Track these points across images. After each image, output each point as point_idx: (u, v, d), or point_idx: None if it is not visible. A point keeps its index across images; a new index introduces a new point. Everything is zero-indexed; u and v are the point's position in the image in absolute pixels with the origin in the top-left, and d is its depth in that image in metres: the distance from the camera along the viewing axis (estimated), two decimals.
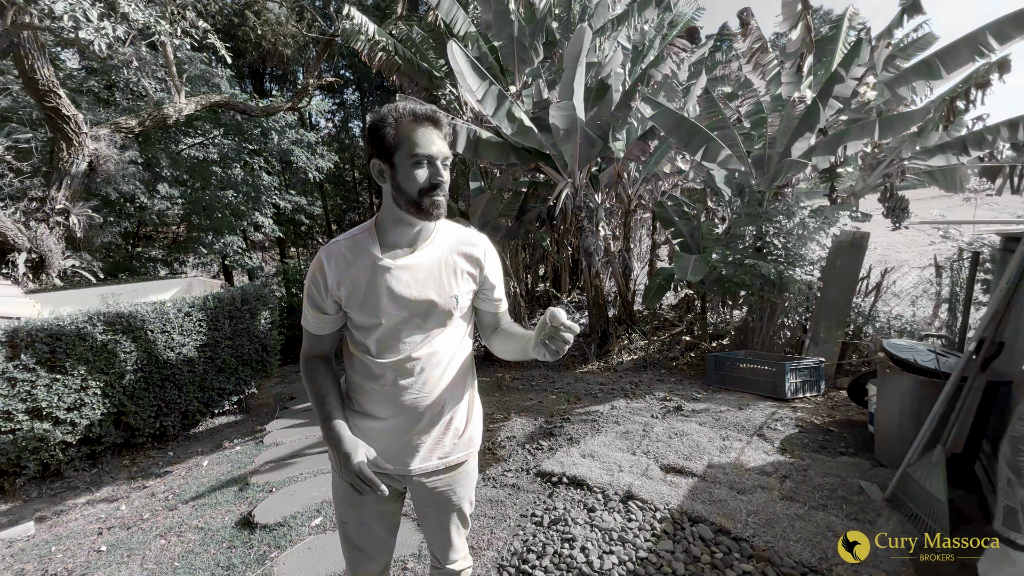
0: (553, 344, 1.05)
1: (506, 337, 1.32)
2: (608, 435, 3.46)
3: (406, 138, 1.10)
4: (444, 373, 1.25)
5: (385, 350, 1.20)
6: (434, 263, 1.22)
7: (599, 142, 5.60)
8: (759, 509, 2.48)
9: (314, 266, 1.21)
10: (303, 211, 14.37)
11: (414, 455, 1.25)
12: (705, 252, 5.77)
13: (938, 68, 5.11)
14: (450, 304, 1.22)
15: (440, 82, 8.98)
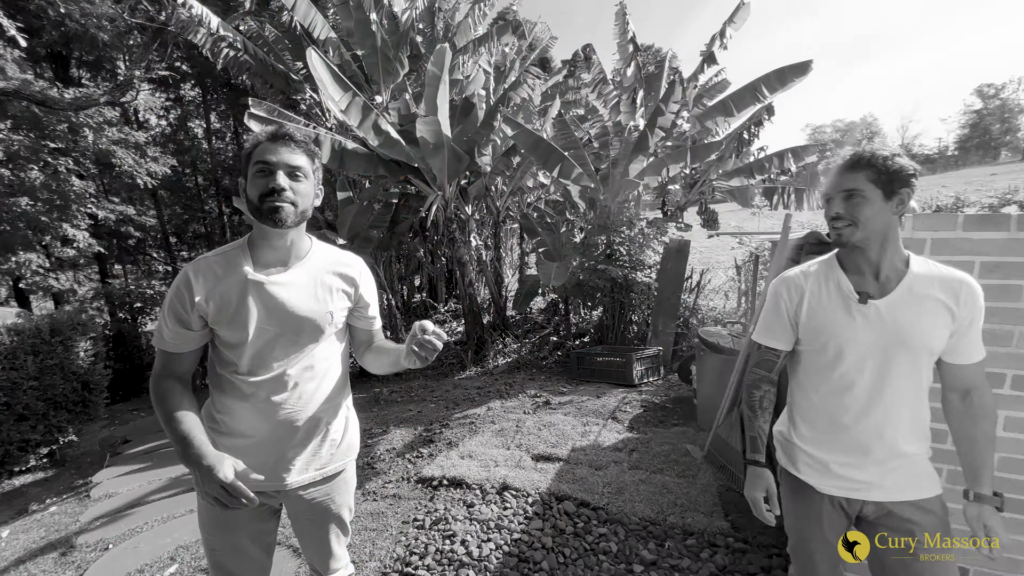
0: (423, 351, 1.15)
1: (379, 352, 1.40)
2: (485, 435, 3.68)
3: (255, 152, 1.17)
4: (319, 387, 1.29)
5: (258, 367, 1.21)
6: (309, 280, 1.26)
7: (466, 157, 5.87)
8: (612, 480, 2.91)
9: (179, 280, 1.19)
10: (131, 222, 12.30)
11: (290, 469, 1.27)
12: (566, 259, 6.40)
13: (731, 108, 6.40)
14: (325, 320, 1.27)
15: (299, 86, 8.50)
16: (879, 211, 1.15)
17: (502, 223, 8.94)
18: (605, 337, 6.15)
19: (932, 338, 1.17)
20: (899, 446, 1.21)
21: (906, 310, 1.18)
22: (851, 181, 1.16)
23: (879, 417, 1.22)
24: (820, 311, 1.26)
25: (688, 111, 6.31)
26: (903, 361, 1.19)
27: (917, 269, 1.20)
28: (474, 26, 8.32)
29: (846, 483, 1.25)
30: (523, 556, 2.26)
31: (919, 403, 1.23)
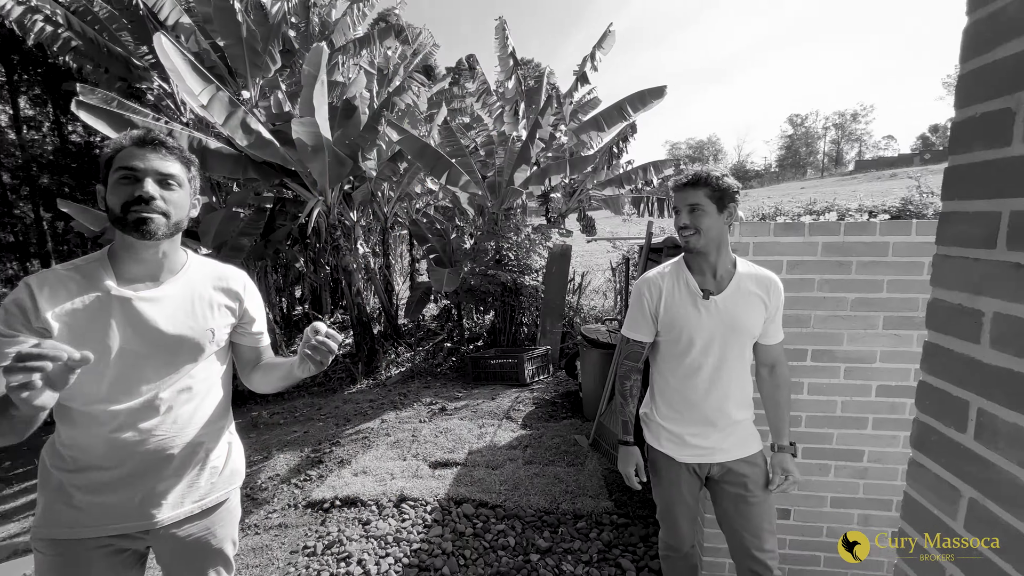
0: (317, 354, 1.08)
1: (269, 369, 1.31)
2: (380, 448, 3.57)
3: (117, 157, 1.06)
4: (198, 410, 1.18)
5: (120, 393, 1.08)
6: (186, 296, 1.16)
7: (349, 161, 5.64)
8: (508, 478, 3.02)
9: (17, 293, 1.01)
10: None
11: (161, 504, 1.13)
12: (457, 265, 6.45)
13: (602, 124, 7.01)
14: (204, 338, 1.17)
15: (145, 74, 7.43)
16: (715, 221, 1.38)
17: (390, 229, 8.71)
18: (497, 340, 6.32)
19: (754, 325, 1.44)
20: (733, 415, 1.48)
21: (736, 303, 1.43)
22: (693, 196, 1.38)
23: (720, 393, 1.47)
24: (674, 306, 1.47)
25: (565, 125, 6.78)
26: (735, 345, 1.45)
27: (742, 269, 1.46)
28: (353, 26, 8.01)
29: (698, 451, 1.50)
30: (423, 565, 2.25)
31: (746, 378, 1.51)
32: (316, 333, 1.09)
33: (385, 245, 8.50)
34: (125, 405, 1.07)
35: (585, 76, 6.56)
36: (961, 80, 0.69)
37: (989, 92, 0.65)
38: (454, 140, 6.52)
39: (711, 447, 1.49)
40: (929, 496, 0.75)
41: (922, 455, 0.76)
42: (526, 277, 5.94)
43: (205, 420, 1.20)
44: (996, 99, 0.63)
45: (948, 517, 0.71)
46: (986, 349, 0.64)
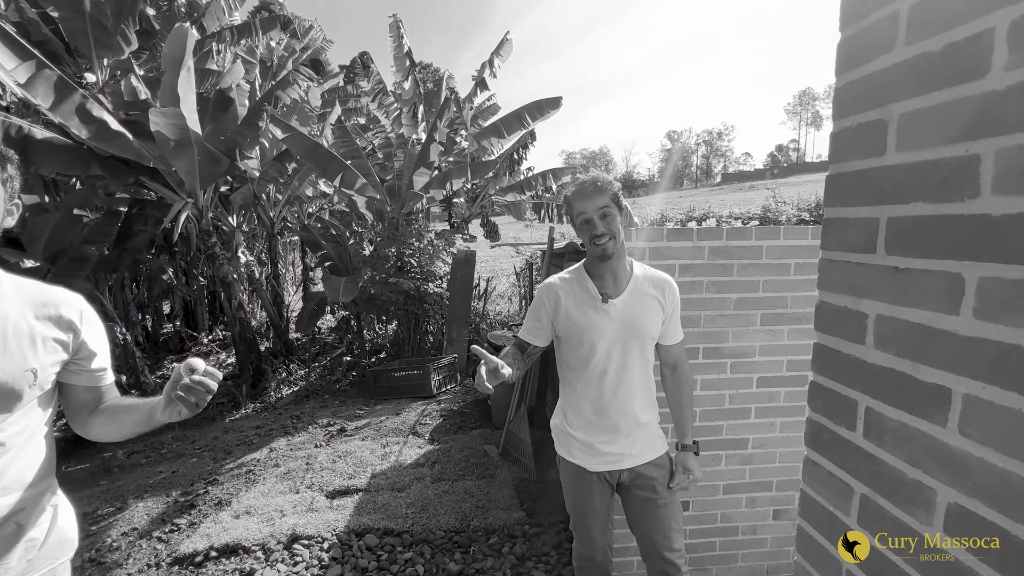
0: (192, 396, 0.90)
1: (115, 413, 1.06)
2: (267, 482, 3.17)
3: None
4: (9, 471, 0.93)
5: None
6: (7, 325, 0.93)
7: (225, 159, 5.01)
8: (416, 499, 2.84)
9: None
10: None
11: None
12: (355, 273, 6.06)
13: (502, 131, 7.08)
14: (23, 381, 0.93)
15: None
16: (620, 225, 1.39)
17: (278, 236, 7.95)
18: (402, 351, 6.04)
19: (653, 326, 1.46)
20: (640, 418, 1.48)
21: (634, 305, 1.44)
22: (603, 201, 1.36)
23: (625, 396, 1.46)
24: (574, 310, 1.45)
25: (466, 130, 6.72)
26: (636, 347, 1.45)
27: (638, 272, 1.48)
28: (228, 10, 7.21)
29: (608, 458, 1.49)
30: None
31: (649, 380, 1.52)
32: (191, 371, 0.90)
33: (273, 253, 7.75)
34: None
35: (484, 82, 6.57)
36: (837, 93, 0.73)
37: (863, 104, 0.68)
38: (349, 141, 6.13)
39: (620, 453, 1.48)
40: (824, 493, 0.77)
41: (816, 453, 0.79)
42: (430, 284, 5.76)
43: (21, 483, 0.96)
44: (870, 111, 0.66)
45: (842, 513, 0.73)
46: (871, 350, 0.67)
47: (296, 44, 7.55)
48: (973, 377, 0.53)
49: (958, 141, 0.54)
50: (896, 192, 0.63)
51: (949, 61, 0.55)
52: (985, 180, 0.52)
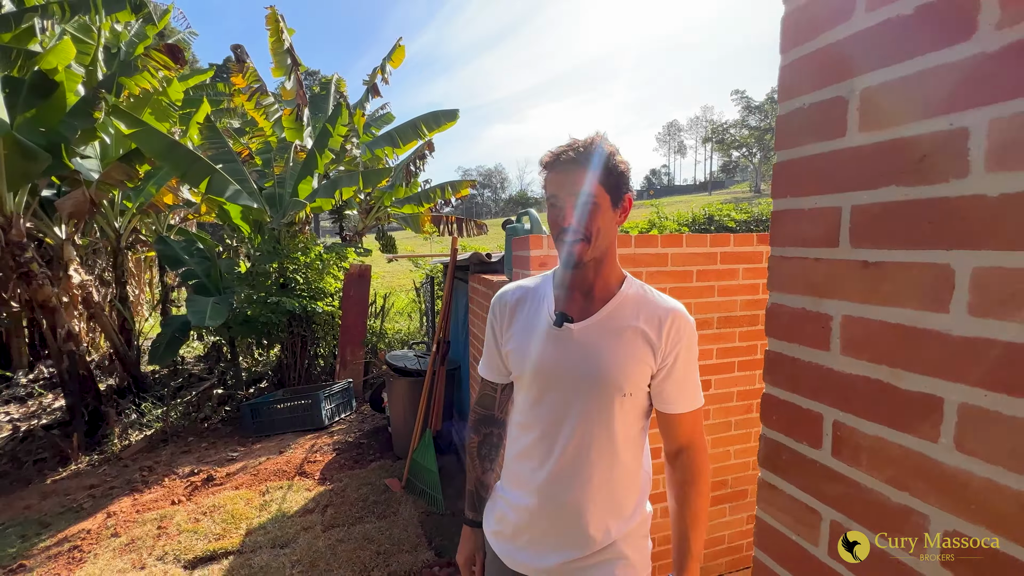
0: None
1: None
2: (101, 559, 2.50)
3: None
4: None
5: None
6: None
7: (45, 156, 4.06)
8: (303, 555, 2.43)
9: None
10: None
11: None
12: (227, 293, 5.27)
13: (397, 140, 6.78)
14: None
15: None
16: (610, 221, 0.93)
17: (127, 250, 6.69)
18: (287, 378, 5.37)
19: (622, 375, 0.93)
20: (592, 530, 0.96)
21: (602, 337, 0.95)
22: (584, 181, 0.90)
23: (572, 484, 0.96)
24: (522, 333, 1.01)
25: (358, 138, 6.31)
26: (594, 403, 0.94)
27: (628, 290, 0.99)
28: None
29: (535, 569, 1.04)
30: None
31: (620, 468, 0.97)
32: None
33: (119, 270, 6.49)
34: None
35: (376, 88, 6.24)
36: (783, 72, 0.66)
37: (816, 82, 0.61)
38: (220, 142, 5.39)
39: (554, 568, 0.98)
40: (785, 520, 0.68)
41: (773, 475, 0.70)
42: (319, 303, 5.20)
43: None
44: (826, 87, 0.59)
45: (809, 543, 0.64)
46: (837, 356, 0.59)
47: (150, 31, 6.49)
48: (971, 383, 0.46)
49: (939, 115, 0.48)
50: (860, 177, 0.56)
51: (924, 25, 0.49)
52: (976, 157, 0.45)
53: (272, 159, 6.27)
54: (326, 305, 5.28)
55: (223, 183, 4.88)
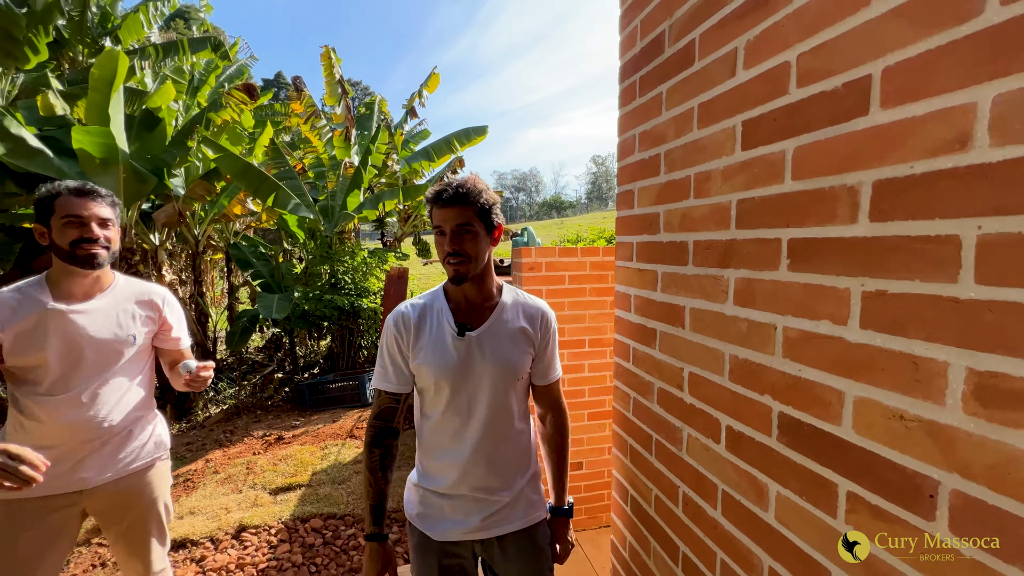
0: (196, 385, 1.47)
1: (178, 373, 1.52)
2: (208, 487, 3.33)
3: (63, 205, 1.35)
4: (121, 401, 1.45)
5: (59, 387, 1.36)
6: (111, 309, 1.45)
7: (153, 178, 5.04)
8: (355, 489, 3.16)
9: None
10: None
11: (90, 470, 1.40)
12: (288, 291, 6.17)
13: (432, 155, 7.57)
14: (125, 343, 1.45)
15: None
16: (486, 246, 1.14)
17: (202, 253, 7.77)
18: (336, 364, 6.22)
19: (519, 364, 1.18)
20: (515, 478, 1.22)
21: (498, 338, 1.18)
22: (462, 215, 1.09)
23: (490, 451, 1.18)
24: (430, 345, 1.17)
25: (397, 154, 7.14)
26: (501, 389, 1.17)
27: (507, 298, 1.22)
28: (147, 24, 7.14)
29: (469, 527, 1.21)
30: None
31: (518, 430, 1.21)
32: (188, 372, 1.46)
33: (197, 271, 7.56)
34: (62, 396, 1.35)
35: (414, 111, 7.05)
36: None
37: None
38: (282, 161, 6.31)
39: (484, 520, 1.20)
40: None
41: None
42: (364, 300, 6.03)
43: (129, 408, 1.47)
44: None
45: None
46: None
47: (226, 67, 7.58)
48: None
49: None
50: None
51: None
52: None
53: (324, 173, 7.19)
54: (369, 302, 6.09)
55: (286, 198, 5.77)
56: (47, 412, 1.34)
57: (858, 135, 0.62)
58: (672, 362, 1.10)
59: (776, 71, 0.75)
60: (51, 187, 1.39)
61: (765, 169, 0.77)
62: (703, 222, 0.94)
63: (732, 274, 0.86)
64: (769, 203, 0.77)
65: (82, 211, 1.36)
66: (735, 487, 0.89)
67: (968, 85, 0.50)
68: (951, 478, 0.54)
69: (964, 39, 0.50)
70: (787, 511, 0.78)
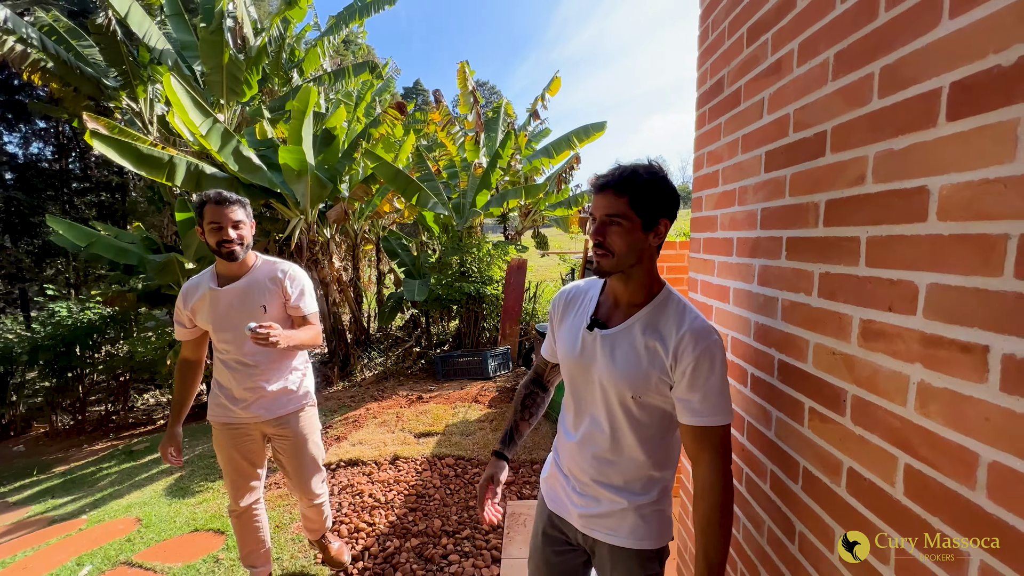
0: (262, 342, 1.64)
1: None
2: (369, 428, 4.27)
3: (208, 212, 1.78)
4: (269, 353, 1.90)
5: (222, 346, 1.89)
6: (249, 285, 1.88)
7: (330, 184, 6.32)
8: (480, 440, 3.82)
9: (179, 295, 1.93)
10: None
11: (253, 409, 1.93)
12: (425, 277, 7.20)
13: (552, 152, 8.07)
14: (258, 311, 1.87)
15: (114, 93, 7.85)
16: (637, 242, 1.02)
17: (359, 245, 9.34)
18: (463, 343, 7.10)
19: (635, 384, 1.04)
20: (612, 494, 1.11)
21: (619, 346, 1.07)
22: (615, 205, 1.01)
23: (593, 460, 1.12)
24: (568, 329, 1.17)
25: (520, 154, 7.78)
26: (614, 403, 1.08)
27: (656, 306, 1.07)
28: (322, 55, 8.73)
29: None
30: (420, 493, 3.02)
31: (624, 454, 1.10)
32: (249, 330, 1.66)
33: (355, 259, 9.12)
34: (225, 353, 1.90)
35: (536, 113, 7.60)
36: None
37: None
38: (424, 165, 7.34)
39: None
40: None
41: None
42: (487, 287, 6.79)
43: (275, 361, 1.94)
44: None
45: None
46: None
47: (380, 85, 8.96)
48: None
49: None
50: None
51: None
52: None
53: (457, 174, 8.14)
54: (492, 289, 6.84)
55: (426, 197, 6.74)
56: (223, 364, 1.89)
57: (820, 169, 0.92)
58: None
59: (783, 119, 1.06)
60: (200, 196, 1.78)
61: (777, 187, 1.09)
62: (744, 223, 1.26)
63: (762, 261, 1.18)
64: (776, 212, 1.08)
65: (220, 218, 1.76)
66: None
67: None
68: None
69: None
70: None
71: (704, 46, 1.53)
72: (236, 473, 1.99)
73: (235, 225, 1.79)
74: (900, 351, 0.72)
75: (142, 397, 9.68)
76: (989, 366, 0.58)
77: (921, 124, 0.69)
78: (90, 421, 7.95)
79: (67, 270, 14.30)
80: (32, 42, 6.92)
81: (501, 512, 1.27)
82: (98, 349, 7.85)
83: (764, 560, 1.14)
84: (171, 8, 7.74)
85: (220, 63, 6.76)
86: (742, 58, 1.26)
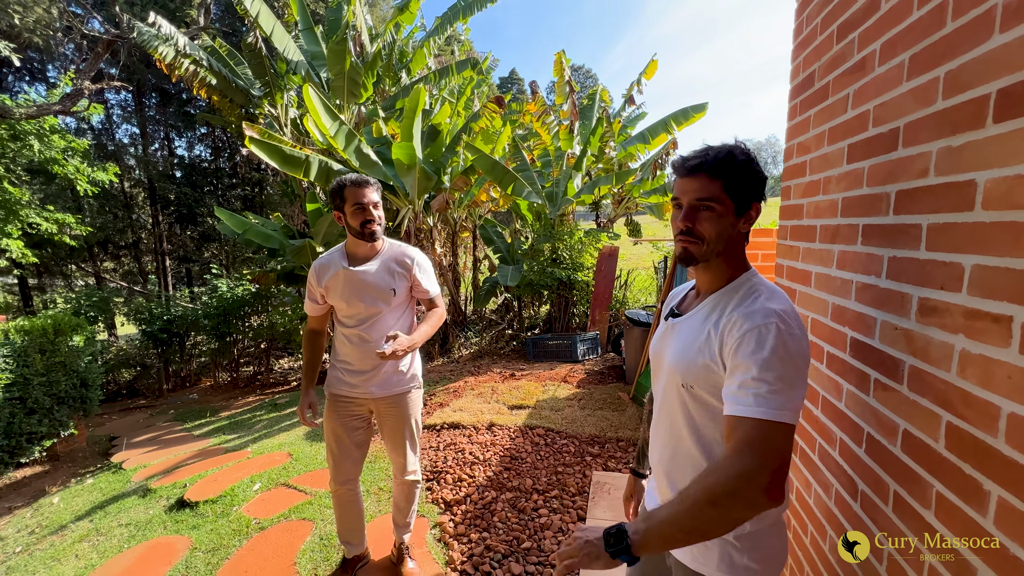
0: (389, 359, 1.71)
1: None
2: (467, 397, 4.72)
3: (350, 194, 1.85)
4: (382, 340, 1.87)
5: (348, 324, 1.95)
6: (381, 268, 1.94)
7: (435, 176, 6.89)
8: (568, 416, 4.07)
9: (310, 273, 2.01)
10: (70, 230, 11.93)
11: (371, 385, 2.00)
12: (518, 263, 7.56)
13: (648, 137, 7.94)
14: (388, 294, 1.93)
15: (258, 102, 9.12)
16: (727, 227, 0.95)
17: (458, 232, 9.99)
18: (553, 327, 7.37)
19: (691, 366, 0.96)
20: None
21: (687, 332, 1.01)
22: (706, 188, 0.93)
23: (663, 452, 1.07)
24: (659, 326, 1.15)
25: (614, 141, 7.76)
26: (676, 389, 1.01)
27: (726, 292, 0.98)
28: (428, 55, 9.37)
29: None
30: (514, 455, 3.35)
31: (697, 450, 0.98)
32: (381, 351, 1.70)
33: (454, 246, 9.78)
34: (351, 330, 1.97)
35: (632, 99, 7.51)
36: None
37: None
38: (519, 156, 7.65)
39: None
40: None
41: None
42: (579, 274, 6.96)
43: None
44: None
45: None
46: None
47: (479, 81, 9.42)
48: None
49: None
50: None
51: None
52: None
53: (550, 163, 8.35)
54: (583, 276, 6.99)
55: (521, 186, 7.05)
56: (345, 339, 1.95)
57: (892, 162, 1.01)
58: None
59: (864, 114, 1.14)
60: (339, 180, 1.84)
61: (856, 178, 1.17)
62: (827, 211, 1.34)
63: (837, 248, 1.26)
64: (854, 201, 1.17)
65: (363, 199, 1.81)
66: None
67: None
68: None
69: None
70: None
71: (798, 40, 1.58)
72: (339, 450, 2.06)
73: (375, 205, 1.87)
74: (948, 324, 0.83)
75: (278, 362, 11.34)
76: (1013, 333, 0.69)
77: (973, 124, 0.78)
78: (241, 379, 9.55)
79: (220, 253, 17.04)
80: (202, 63, 8.37)
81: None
82: (246, 319, 9.38)
83: (830, 519, 1.25)
84: (304, 23, 8.83)
85: (343, 70, 7.62)
86: (832, 54, 1.32)
